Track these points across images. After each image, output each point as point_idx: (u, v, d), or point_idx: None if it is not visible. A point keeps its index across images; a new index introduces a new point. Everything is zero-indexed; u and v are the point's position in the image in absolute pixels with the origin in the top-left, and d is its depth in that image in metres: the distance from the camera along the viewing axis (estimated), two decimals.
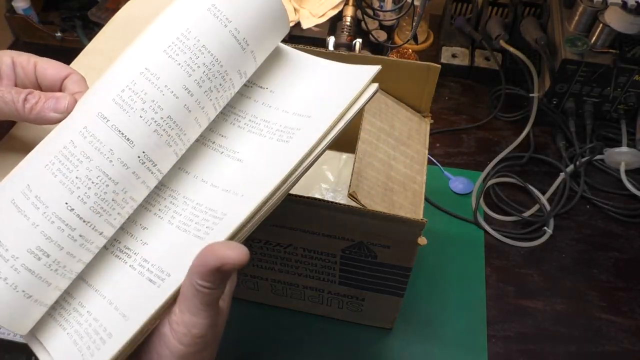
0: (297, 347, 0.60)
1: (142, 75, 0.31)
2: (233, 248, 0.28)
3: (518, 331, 0.61)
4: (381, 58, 0.53)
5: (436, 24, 0.96)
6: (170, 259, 0.32)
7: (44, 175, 0.30)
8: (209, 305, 0.29)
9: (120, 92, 0.31)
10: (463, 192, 0.74)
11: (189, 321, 0.29)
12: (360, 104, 0.35)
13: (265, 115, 0.37)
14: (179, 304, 0.29)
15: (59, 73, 0.33)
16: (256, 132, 0.37)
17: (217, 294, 0.29)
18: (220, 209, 0.33)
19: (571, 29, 0.76)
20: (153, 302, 0.30)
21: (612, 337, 0.61)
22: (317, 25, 0.84)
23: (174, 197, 0.34)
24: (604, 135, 0.79)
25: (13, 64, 0.33)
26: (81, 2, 0.95)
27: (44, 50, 0.93)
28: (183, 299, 0.29)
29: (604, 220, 0.71)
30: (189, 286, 0.29)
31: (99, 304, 0.32)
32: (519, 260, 0.68)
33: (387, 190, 0.48)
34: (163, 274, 0.31)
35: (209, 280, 0.28)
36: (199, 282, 0.28)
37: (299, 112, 0.37)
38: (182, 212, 0.34)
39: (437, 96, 0.86)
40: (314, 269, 0.53)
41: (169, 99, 0.31)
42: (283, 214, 0.44)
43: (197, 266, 0.28)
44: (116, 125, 0.30)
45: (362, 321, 0.61)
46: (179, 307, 0.29)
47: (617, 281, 0.66)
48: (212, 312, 0.29)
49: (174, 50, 0.31)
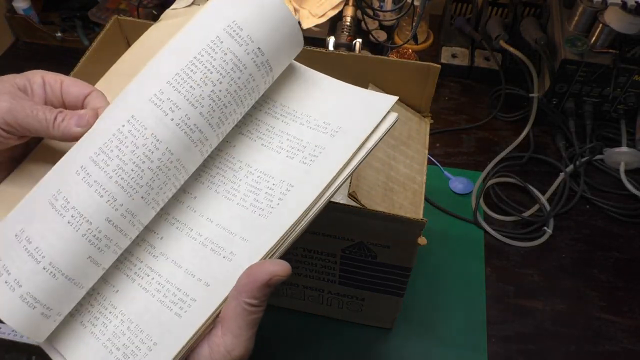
0: (297, 347, 0.60)
1: (170, 85, 0.32)
2: (277, 263, 0.30)
3: (518, 331, 0.61)
4: (381, 58, 0.53)
5: (436, 24, 0.96)
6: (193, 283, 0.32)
7: (75, 180, 0.31)
8: (252, 328, 0.30)
9: (151, 97, 0.32)
10: (463, 192, 0.74)
11: (230, 343, 0.30)
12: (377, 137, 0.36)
13: (286, 129, 0.38)
14: (221, 325, 0.30)
15: (82, 91, 0.35)
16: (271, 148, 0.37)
17: (260, 314, 0.30)
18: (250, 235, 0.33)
19: (571, 29, 0.76)
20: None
21: (612, 337, 0.61)
22: (317, 25, 0.84)
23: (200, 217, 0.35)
24: (604, 135, 0.79)
25: (43, 82, 0.35)
26: (81, 2, 0.96)
27: (44, 50, 0.94)
28: (226, 320, 0.30)
29: (603, 220, 0.72)
30: (234, 307, 0.30)
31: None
32: (519, 260, 0.68)
33: (387, 190, 0.48)
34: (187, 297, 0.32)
35: (256, 296, 0.30)
36: (246, 301, 0.30)
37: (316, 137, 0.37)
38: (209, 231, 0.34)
39: (437, 96, 0.86)
40: (314, 269, 0.53)
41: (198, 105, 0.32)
42: None
43: (244, 284, 0.30)
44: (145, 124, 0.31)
45: (362, 321, 0.61)
46: (221, 329, 0.30)
47: (617, 281, 0.66)
48: (252, 335, 0.31)
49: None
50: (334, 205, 0.43)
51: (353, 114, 0.37)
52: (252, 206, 0.34)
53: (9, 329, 0.58)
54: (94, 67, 0.51)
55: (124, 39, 0.57)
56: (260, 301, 0.30)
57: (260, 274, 0.30)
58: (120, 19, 0.56)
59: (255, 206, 0.34)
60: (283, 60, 0.37)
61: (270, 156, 0.36)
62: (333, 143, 0.35)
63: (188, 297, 0.32)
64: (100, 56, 0.53)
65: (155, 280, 0.33)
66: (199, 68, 0.32)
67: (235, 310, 0.30)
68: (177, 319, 0.31)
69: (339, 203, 0.43)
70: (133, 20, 0.56)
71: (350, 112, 0.37)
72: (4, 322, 0.29)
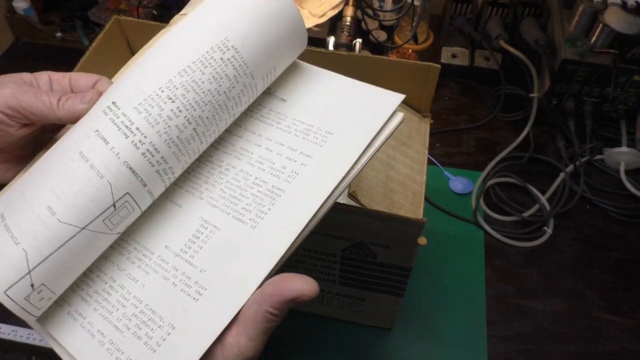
0: (297, 347, 0.60)
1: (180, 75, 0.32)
2: (307, 282, 0.30)
3: (518, 331, 0.61)
4: (381, 58, 0.53)
5: (436, 24, 0.96)
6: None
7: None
8: (267, 334, 0.30)
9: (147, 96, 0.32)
10: (463, 192, 0.74)
11: (244, 344, 0.30)
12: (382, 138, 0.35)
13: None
14: (237, 327, 0.30)
15: (90, 80, 0.36)
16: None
17: (277, 322, 0.30)
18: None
19: (571, 29, 0.76)
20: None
21: (612, 337, 0.61)
22: (317, 25, 0.84)
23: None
24: (604, 135, 0.79)
25: (50, 80, 0.36)
26: (81, 2, 0.96)
27: (44, 50, 0.94)
28: (244, 322, 0.30)
29: (603, 220, 0.72)
30: (255, 312, 0.30)
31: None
32: (519, 260, 0.68)
33: (387, 190, 0.48)
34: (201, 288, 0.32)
35: (280, 308, 0.29)
36: (269, 310, 0.29)
37: (320, 130, 0.37)
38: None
39: (437, 96, 0.86)
40: (314, 269, 0.53)
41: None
42: None
43: (271, 295, 0.30)
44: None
45: (362, 321, 0.61)
46: (236, 329, 0.30)
47: (617, 281, 0.66)
48: (265, 340, 0.31)
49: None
50: (334, 205, 0.43)
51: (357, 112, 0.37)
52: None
53: (9, 328, 0.58)
54: (94, 67, 0.51)
55: (124, 39, 0.57)
56: (281, 312, 0.30)
57: (287, 290, 0.29)
58: (120, 19, 0.56)
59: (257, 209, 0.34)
60: (286, 60, 0.37)
61: (260, 168, 0.36)
62: (337, 142, 0.35)
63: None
64: (100, 56, 0.53)
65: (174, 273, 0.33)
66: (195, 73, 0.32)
67: (255, 316, 0.30)
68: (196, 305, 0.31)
69: (339, 203, 0.43)
70: (133, 20, 0.56)
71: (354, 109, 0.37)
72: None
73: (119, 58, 0.56)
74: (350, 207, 0.43)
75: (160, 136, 0.31)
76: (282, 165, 0.35)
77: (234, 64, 0.33)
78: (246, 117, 0.38)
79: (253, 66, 0.34)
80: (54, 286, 0.30)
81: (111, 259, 0.33)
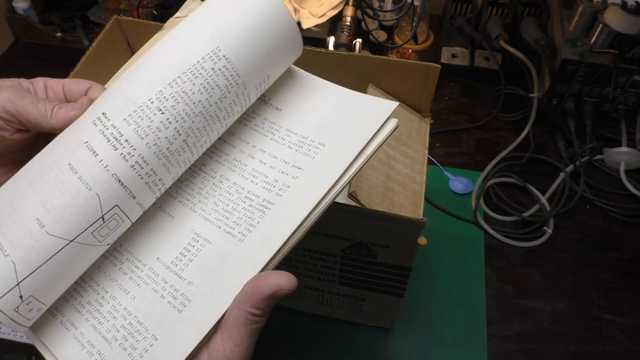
0: (297, 347, 0.60)
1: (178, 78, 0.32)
2: (283, 275, 0.30)
3: (518, 331, 0.61)
4: (381, 58, 0.53)
5: (436, 24, 0.96)
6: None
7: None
8: (253, 337, 0.30)
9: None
10: (463, 192, 0.74)
11: (230, 351, 0.30)
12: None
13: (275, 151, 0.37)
14: (222, 333, 0.30)
15: (82, 86, 0.36)
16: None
17: (262, 323, 0.30)
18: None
19: (571, 29, 0.76)
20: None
21: (612, 337, 0.61)
22: (317, 25, 0.84)
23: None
24: (604, 135, 0.79)
25: (45, 87, 0.36)
26: (81, 2, 0.96)
27: (44, 50, 0.94)
28: (228, 328, 0.30)
29: (603, 220, 0.72)
30: (237, 315, 0.30)
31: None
32: (519, 260, 0.68)
33: (387, 190, 0.48)
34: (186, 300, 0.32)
35: (260, 307, 0.29)
36: (250, 311, 0.29)
37: (316, 138, 0.37)
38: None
39: (437, 96, 0.86)
40: (314, 269, 0.53)
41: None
42: None
43: (250, 294, 0.30)
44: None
45: (362, 321, 0.61)
46: (222, 336, 0.30)
47: (617, 281, 0.66)
48: (252, 344, 0.30)
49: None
50: (334, 205, 0.43)
51: (350, 122, 0.36)
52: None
53: (8, 329, 0.58)
54: (94, 67, 0.51)
55: (124, 39, 0.57)
56: (263, 311, 0.30)
57: (265, 286, 0.29)
58: (120, 19, 0.56)
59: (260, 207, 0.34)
60: (280, 67, 0.37)
61: (253, 182, 0.36)
62: (329, 152, 0.35)
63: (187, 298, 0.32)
64: (100, 56, 0.53)
65: (155, 280, 0.33)
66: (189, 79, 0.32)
67: (238, 319, 0.30)
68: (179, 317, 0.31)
69: (339, 203, 0.43)
70: (133, 20, 0.56)
71: (347, 119, 0.37)
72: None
73: (119, 58, 0.56)
74: (350, 207, 0.43)
75: (150, 148, 0.30)
76: (274, 179, 0.35)
77: (226, 74, 0.33)
78: (240, 125, 0.38)
79: (245, 76, 0.34)
80: (43, 297, 0.30)
81: (104, 269, 0.33)
